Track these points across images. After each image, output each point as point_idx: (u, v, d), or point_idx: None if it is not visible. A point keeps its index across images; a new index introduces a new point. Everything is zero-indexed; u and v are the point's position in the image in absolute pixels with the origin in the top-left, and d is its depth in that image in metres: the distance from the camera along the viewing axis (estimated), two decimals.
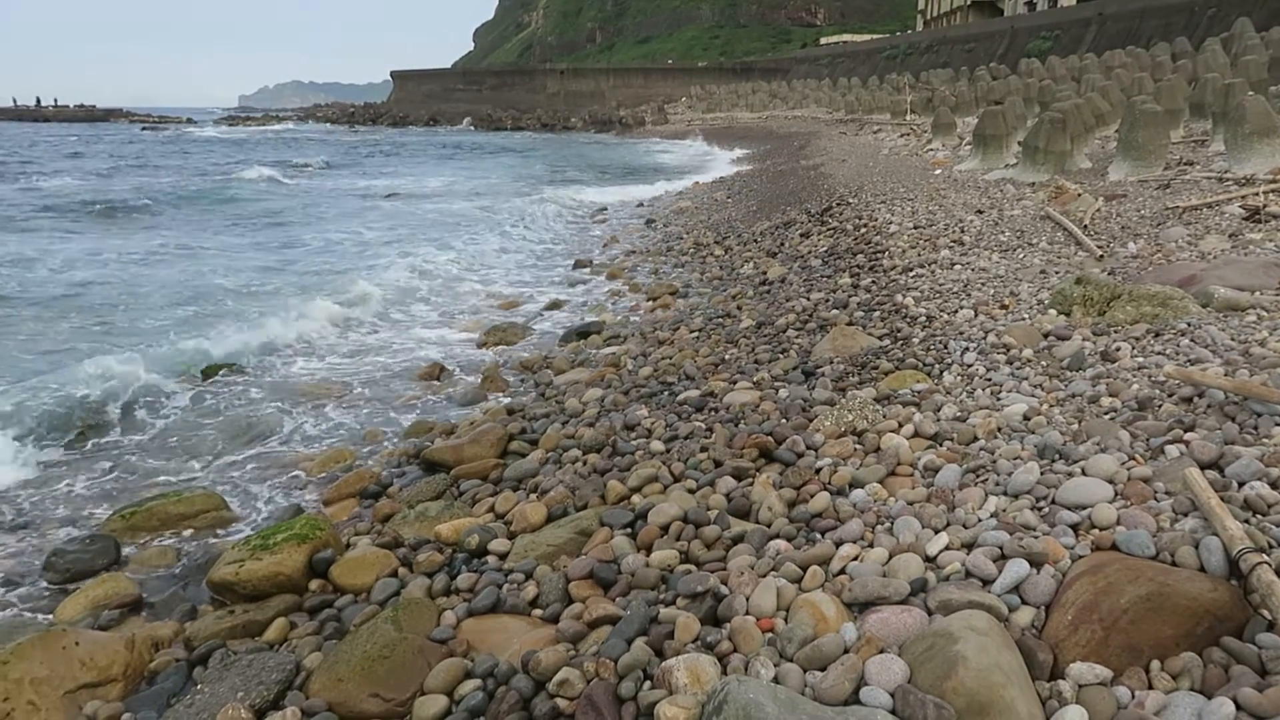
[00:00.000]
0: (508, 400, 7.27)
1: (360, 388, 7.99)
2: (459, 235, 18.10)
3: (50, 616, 4.36)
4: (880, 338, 6.26)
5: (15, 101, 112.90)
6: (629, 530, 4.08)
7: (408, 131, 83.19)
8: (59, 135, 68.36)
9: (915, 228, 10.19)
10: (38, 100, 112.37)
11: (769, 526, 3.78)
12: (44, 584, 4.70)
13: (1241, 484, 3.16)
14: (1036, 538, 3.06)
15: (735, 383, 5.99)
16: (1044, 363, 4.99)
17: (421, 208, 23.73)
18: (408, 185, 30.49)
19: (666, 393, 6.23)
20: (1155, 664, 2.51)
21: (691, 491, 4.31)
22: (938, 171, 16.39)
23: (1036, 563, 2.92)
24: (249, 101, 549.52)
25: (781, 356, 6.49)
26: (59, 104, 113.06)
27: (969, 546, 3.16)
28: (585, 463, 5.18)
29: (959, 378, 5.06)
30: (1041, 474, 3.57)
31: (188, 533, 5.19)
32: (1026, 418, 4.24)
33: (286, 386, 8.00)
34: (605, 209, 22.57)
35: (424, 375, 8.30)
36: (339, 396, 7.72)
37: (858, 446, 4.36)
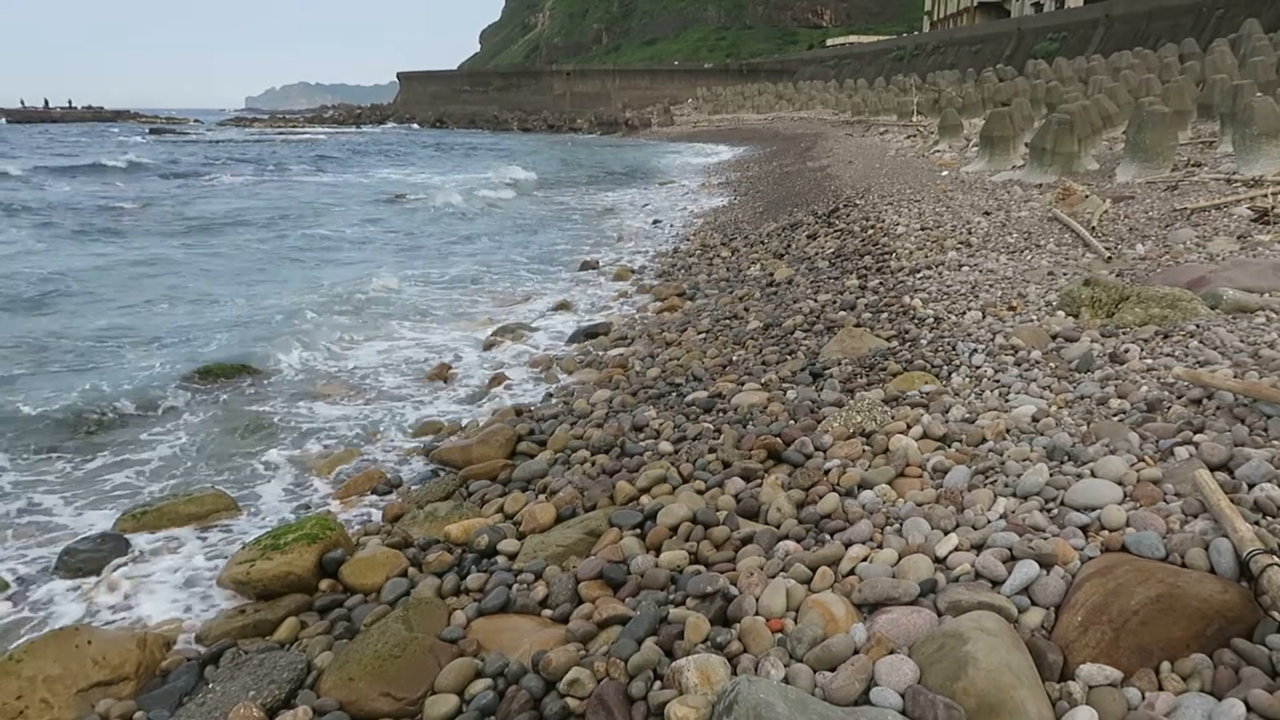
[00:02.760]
0: (516, 401, 7.28)
1: (369, 388, 8.01)
2: (467, 236, 18.15)
3: (63, 615, 4.38)
4: (888, 339, 6.26)
5: (23, 103, 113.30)
6: (638, 531, 4.08)
7: (422, 132, 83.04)
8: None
9: (922, 229, 10.19)
10: (46, 102, 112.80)
11: (778, 527, 3.79)
12: (56, 582, 4.72)
13: (1251, 486, 3.16)
14: (1046, 539, 3.06)
15: (743, 384, 6.00)
16: (1052, 364, 4.99)
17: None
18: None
19: (674, 394, 6.24)
20: (1165, 665, 2.51)
21: (700, 492, 4.32)
22: (944, 173, 16.37)
23: (1046, 564, 2.93)
24: (256, 103, 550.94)
25: (789, 358, 6.49)
26: (70, 105, 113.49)
27: (978, 548, 3.16)
28: (594, 463, 5.19)
29: (967, 379, 5.06)
30: (1051, 475, 3.57)
31: (198, 532, 5.21)
32: (1035, 419, 4.24)
33: (296, 386, 8.03)
34: (612, 210, 22.59)
35: (432, 376, 8.33)
36: (348, 397, 7.74)
37: (866, 448, 4.36)
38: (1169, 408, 4.03)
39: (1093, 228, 8.87)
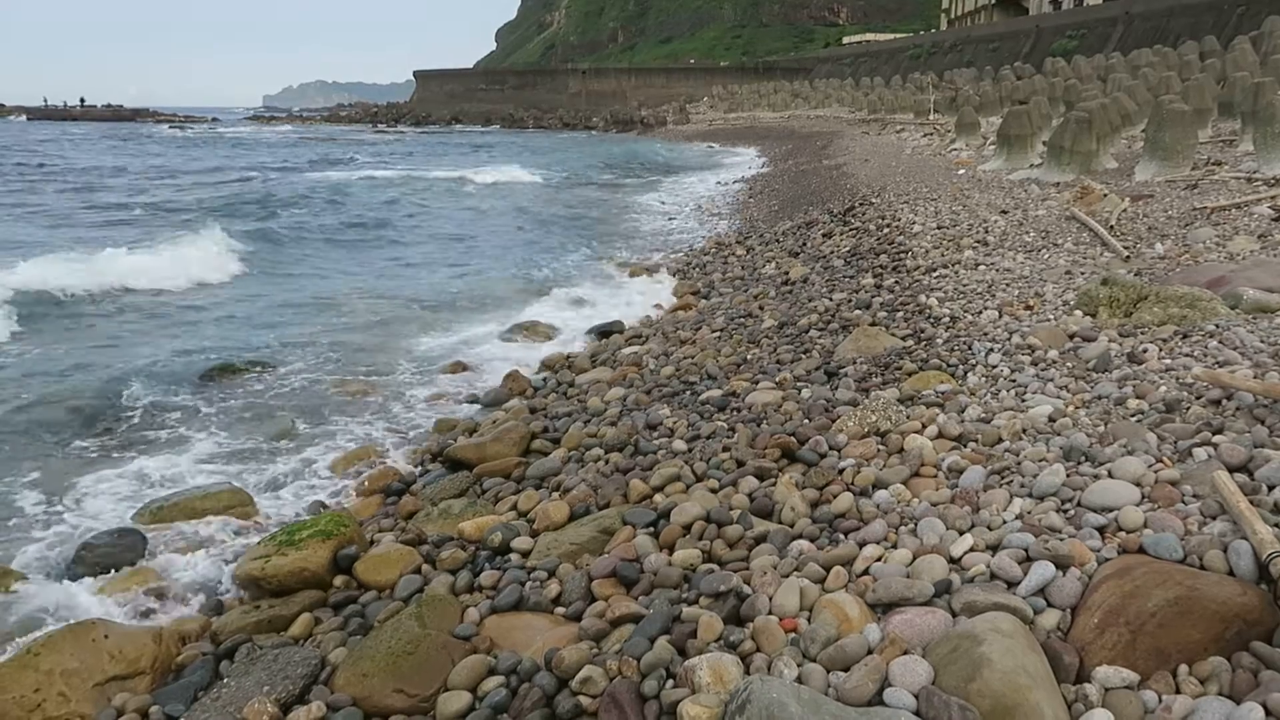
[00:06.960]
0: (530, 399, 7.28)
1: (383, 386, 8.04)
2: (479, 237, 18.19)
3: (80, 609, 4.42)
4: (903, 338, 6.23)
5: (46, 101, 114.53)
6: (651, 529, 4.08)
7: (451, 131, 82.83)
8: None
9: (939, 228, 10.13)
10: (79, 101, 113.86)
11: (792, 526, 3.78)
12: (74, 577, 4.76)
13: (1271, 487, 3.12)
14: (1062, 540, 3.04)
15: (757, 383, 5.98)
16: (1069, 364, 4.95)
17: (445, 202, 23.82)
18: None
19: (689, 392, 6.23)
20: (1183, 668, 2.49)
21: (714, 491, 4.31)
22: (961, 171, 16.28)
23: (1062, 565, 2.90)
24: (273, 101, 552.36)
25: (804, 357, 6.47)
26: (84, 103, 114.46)
27: (994, 548, 3.14)
28: (607, 461, 5.19)
29: (983, 379, 5.03)
30: (1067, 476, 3.54)
31: (214, 528, 5.24)
32: (1052, 419, 4.21)
33: (311, 384, 8.06)
34: (627, 206, 22.59)
35: (448, 373, 8.35)
36: (363, 394, 7.77)
37: (881, 447, 4.34)
38: (1188, 408, 4.00)
39: (1111, 227, 8.79)
